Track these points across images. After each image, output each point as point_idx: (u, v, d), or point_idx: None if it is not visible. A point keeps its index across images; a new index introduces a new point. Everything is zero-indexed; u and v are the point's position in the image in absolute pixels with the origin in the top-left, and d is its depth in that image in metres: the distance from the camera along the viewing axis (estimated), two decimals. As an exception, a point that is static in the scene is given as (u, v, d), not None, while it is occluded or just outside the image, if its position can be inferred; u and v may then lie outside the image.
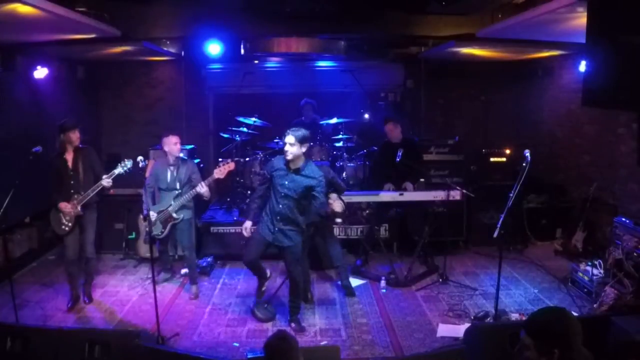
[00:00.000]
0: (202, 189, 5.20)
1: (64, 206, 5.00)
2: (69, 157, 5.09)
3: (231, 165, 5.31)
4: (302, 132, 4.45)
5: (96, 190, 5.00)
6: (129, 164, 4.98)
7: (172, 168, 5.42)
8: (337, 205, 5.15)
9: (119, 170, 4.96)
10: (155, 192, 5.52)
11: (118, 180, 5.06)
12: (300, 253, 4.82)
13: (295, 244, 4.66)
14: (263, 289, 5.05)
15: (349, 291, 5.57)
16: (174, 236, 5.59)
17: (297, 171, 4.51)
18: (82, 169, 5.08)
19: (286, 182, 4.53)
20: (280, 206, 4.56)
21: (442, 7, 5.41)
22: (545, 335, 1.93)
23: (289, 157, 4.44)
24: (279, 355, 2.54)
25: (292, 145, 4.41)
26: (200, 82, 8.52)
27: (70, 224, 5.07)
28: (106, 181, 4.94)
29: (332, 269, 6.15)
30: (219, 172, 5.20)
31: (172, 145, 5.39)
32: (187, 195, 5.33)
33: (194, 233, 5.86)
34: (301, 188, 4.49)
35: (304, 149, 4.48)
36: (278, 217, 4.59)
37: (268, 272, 5.06)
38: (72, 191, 5.03)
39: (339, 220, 5.34)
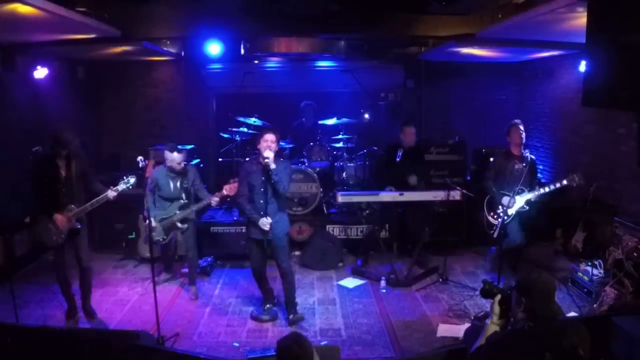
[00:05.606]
0: (214, 200, 5.22)
1: (60, 220, 4.61)
2: (61, 162, 4.68)
3: None
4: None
5: (95, 205, 4.74)
6: (132, 180, 4.80)
7: (173, 178, 5.40)
8: None
9: (122, 186, 4.76)
10: (156, 197, 5.49)
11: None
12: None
13: None
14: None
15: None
16: (177, 239, 5.57)
17: None
18: (75, 176, 4.73)
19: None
20: None
21: (442, 7, 5.40)
22: (518, 291, 2.73)
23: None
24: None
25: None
26: (200, 82, 8.51)
27: (63, 236, 4.67)
28: (112, 194, 4.71)
29: (332, 269, 6.18)
30: (229, 190, 5.09)
31: (176, 164, 5.34)
32: (194, 207, 5.35)
33: (196, 236, 5.84)
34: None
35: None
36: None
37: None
38: (64, 200, 4.65)
39: None
